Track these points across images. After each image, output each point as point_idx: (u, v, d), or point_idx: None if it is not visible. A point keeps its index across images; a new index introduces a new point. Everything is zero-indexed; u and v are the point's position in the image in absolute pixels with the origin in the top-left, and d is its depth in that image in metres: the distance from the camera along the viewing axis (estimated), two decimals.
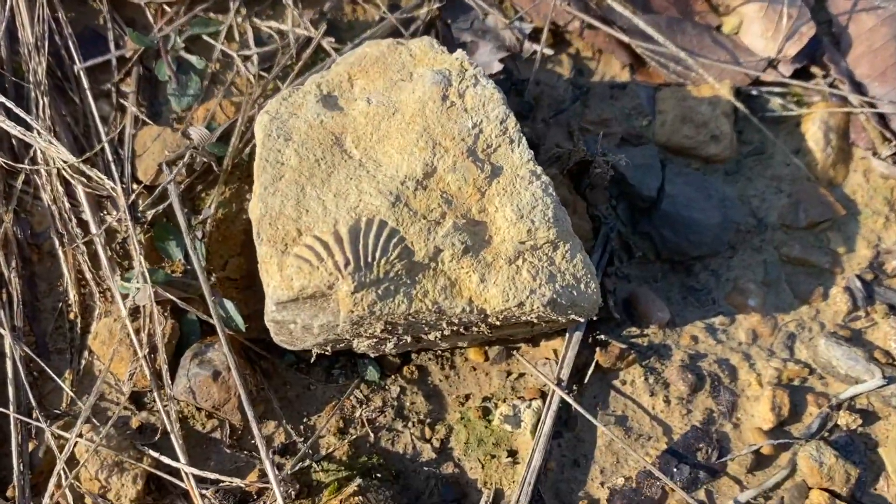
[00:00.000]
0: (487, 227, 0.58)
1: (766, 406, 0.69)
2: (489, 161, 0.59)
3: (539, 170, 0.60)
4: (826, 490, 0.66)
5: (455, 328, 0.60)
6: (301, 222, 0.57)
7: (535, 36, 0.80)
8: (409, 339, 0.62)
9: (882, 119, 0.79)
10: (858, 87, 0.81)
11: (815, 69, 0.82)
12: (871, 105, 0.79)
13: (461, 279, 0.56)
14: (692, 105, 0.77)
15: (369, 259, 0.55)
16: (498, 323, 0.60)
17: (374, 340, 0.62)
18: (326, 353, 0.65)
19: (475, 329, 0.60)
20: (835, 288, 0.74)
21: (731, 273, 0.75)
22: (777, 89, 0.81)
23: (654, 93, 0.80)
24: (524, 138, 0.61)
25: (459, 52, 0.63)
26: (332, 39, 0.78)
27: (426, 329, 0.60)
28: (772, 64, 0.81)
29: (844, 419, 0.69)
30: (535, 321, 0.60)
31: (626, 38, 0.79)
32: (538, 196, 0.58)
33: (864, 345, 0.72)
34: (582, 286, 0.58)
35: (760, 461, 0.68)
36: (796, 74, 0.81)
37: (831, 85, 0.81)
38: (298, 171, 0.60)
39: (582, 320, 0.61)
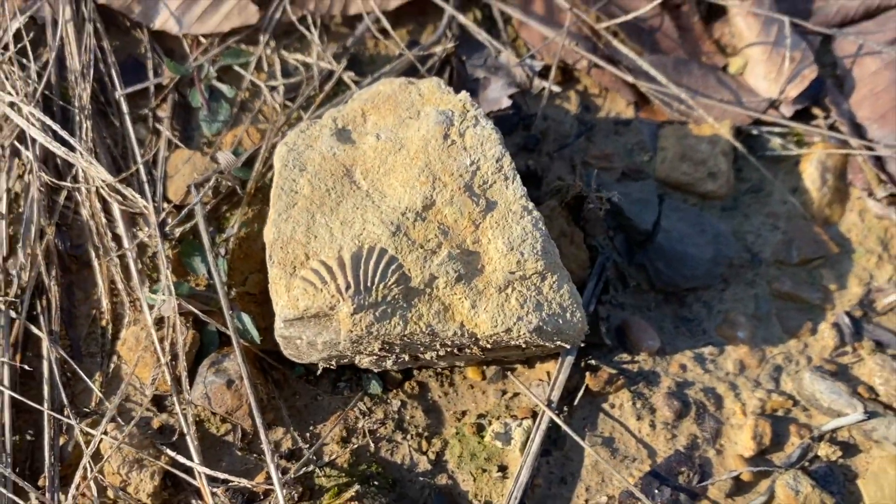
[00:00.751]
0: (480, 257, 0.62)
1: (748, 434, 0.72)
2: (484, 196, 0.63)
3: (531, 206, 0.64)
4: None
5: (449, 349, 0.64)
6: (309, 247, 0.62)
7: (544, 73, 0.85)
8: (406, 358, 0.67)
9: (879, 161, 0.81)
10: (858, 130, 0.83)
11: (816, 110, 0.85)
12: (869, 147, 0.81)
13: (454, 304, 0.61)
14: (692, 143, 0.81)
15: (369, 283, 0.60)
16: (489, 346, 0.64)
17: (375, 357, 0.67)
18: (332, 367, 0.70)
19: (468, 350, 0.65)
20: (823, 323, 0.77)
21: (723, 305, 0.78)
22: (777, 129, 0.84)
23: (656, 130, 0.84)
24: (518, 175, 0.65)
25: (463, 94, 0.68)
26: (353, 73, 0.83)
27: (422, 349, 0.65)
28: (773, 105, 0.84)
29: (825, 450, 0.72)
30: (524, 346, 0.64)
31: (630, 78, 0.83)
32: (528, 230, 0.62)
33: (849, 380, 0.75)
34: (568, 315, 0.62)
35: (740, 487, 0.71)
36: (797, 115, 0.84)
37: (831, 126, 0.83)
38: (310, 199, 0.65)
39: (568, 346, 0.65)
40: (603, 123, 0.84)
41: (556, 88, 0.84)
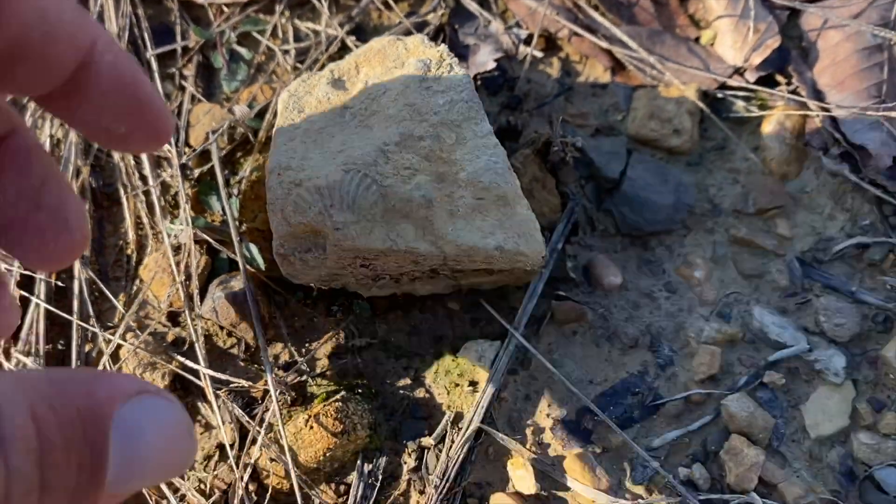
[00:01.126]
0: (450, 183, 0.71)
1: (698, 361, 0.79)
2: (455, 131, 0.72)
3: (495, 142, 0.72)
4: (743, 434, 0.76)
5: (424, 270, 0.73)
6: (301, 174, 0.71)
7: (528, 41, 0.93)
8: (388, 279, 0.76)
9: (834, 122, 0.88)
10: (818, 95, 0.90)
11: (780, 78, 0.92)
12: (826, 109, 0.88)
13: (427, 225, 0.69)
14: (660, 104, 0.89)
15: (350, 202, 0.69)
16: (459, 268, 0.72)
17: (361, 277, 0.75)
18: (324, 288, 0.79)
19: (442, 272, 0.73)
20: (775, 267, 0.84)
21: (683, 249, 0.85)
22: (742, 94, 0.91)
23: (630, 93, 0.91)
24: (485, 115, 0.73)
25: (442, 46, 0.77)
26: (356, 39, 0.93)
27: (400, 268, 0.73)
28: (739, 71, 0.92)
29: (770, 378, 0.78)
30: (490, 268, 0.72)
31: (607, 45, 0.91)
32: (492, 161, 0.70)
33: (796, 317, 0.81)
34: (527, 237, 0.70)
35: (689, 408, 0.78)
36: (762, 81, 0.91)
37: (793, 92, 0.90)
38: (305, 135, 0.75)
39: (529, 268, 0.72)
40: (581, 86, 0.92)
41: (539, 54, 0.93)
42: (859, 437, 0.76)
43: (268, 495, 0.74)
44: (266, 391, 0.77)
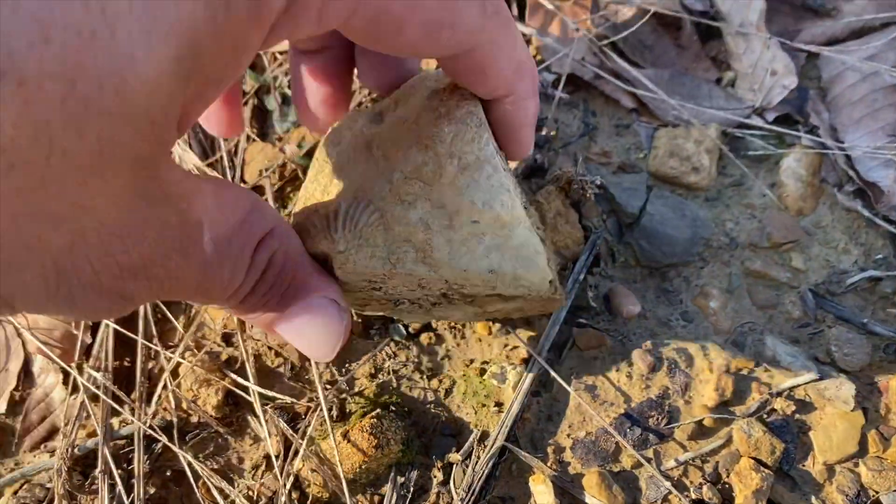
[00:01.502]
0: (449, 209, 0.73)
1: (712, 387, 0.84)
2: (461, 158, 0.75)
3: (502, 166, 0.73)
4: (753, 458, 0.80)
5: (434, 294, 0.78)
6: (320, 202, 0.77)
7: (557, 83, 1.00)
8: (408, 303, 0.81)
9: (849, 160, 0.92)
10: (834, 133, 0.94)
11: (798, 117, 0.97)
12: (842, 148, 0.92)
13: (426, 249, 0.72)
14: (680, 143, 0.94)
15: (354, 228, 0.73)
16: (467, 292, 0.77)
17: (382, 300, 0.81)
18: (360, 312, 0.86)
19: (454, 298, 0.79)
20: (789, 298, 0.88)
21: (700, 280, 0.90)
22: (760, 133, 0.96)
23: (652, 132, 0.97)
24: (491, 142, 0.74)
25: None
26: None
27: (408, 293, 0.78)
28: (757, 111, 0.96)
29: (781, 405, 0.83)
30: (496, 293, 0.76)
31: (630, 88, 0.97)
32: (495, 187, 0.71)
33: (808, 346, 0.85)
34: (527, 262, 0.70)
35: (702, 431, 0.83)
36: (780, 121, 0.96)
37: (810, 130, 0.95)
38: (335, 166, 0.82)
39: (540, 295, 0.76)
40: (605, 126, 0.98)
41: (566, 96, 0.99)
42: (868, 464, 0.79)
43: (308, 503, 0.81)
44: (308, 407, 0.84)
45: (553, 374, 0.84)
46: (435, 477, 0.82)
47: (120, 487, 0.82)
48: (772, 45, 0.97)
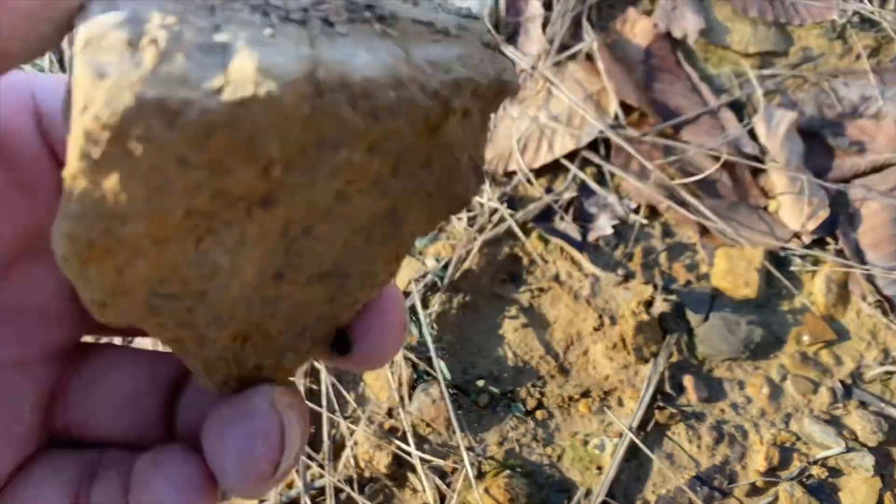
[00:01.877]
0: None
1: (763, 457, 1.10)
2: None
3: None
4: None
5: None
6: None
7: (637, 210, 1.28)
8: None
9: (870, 277, 1.18)
10: (860, 254, 1.21)
11: (829, 239, 1.23)
12: (864, 266, 1.18)
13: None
14: (735, 260, 1.21)
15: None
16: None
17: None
18: (485, 391, 1.15)
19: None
20: (822, 388, 1.14)
21: (752, 372, 1.17)
22: (799, 253, 1.22)
23: (713, 251, 1.24)
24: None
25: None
26: (506, 206, 1.30)
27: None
28: (797, 235, 1.23)
29: (817, 471, 1.08)
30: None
31: (694, 217, 1.24)
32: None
33: (837, 425, 1.11)
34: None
35: (756, 491, 1.09)
36: (815, 243, 1.22)
37: (839, 251, 1.21)
38: None
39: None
40: (677, 245, 1.26)
41: (645, 221, 1.27)
42: None
43: None
44: (454, 468, 1.13)
45: (640, 445, 1.11)
46: None
47: None
48: (808, 180, 1.23)
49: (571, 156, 1.30)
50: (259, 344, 0.28)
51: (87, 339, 0.34)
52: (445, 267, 1.26)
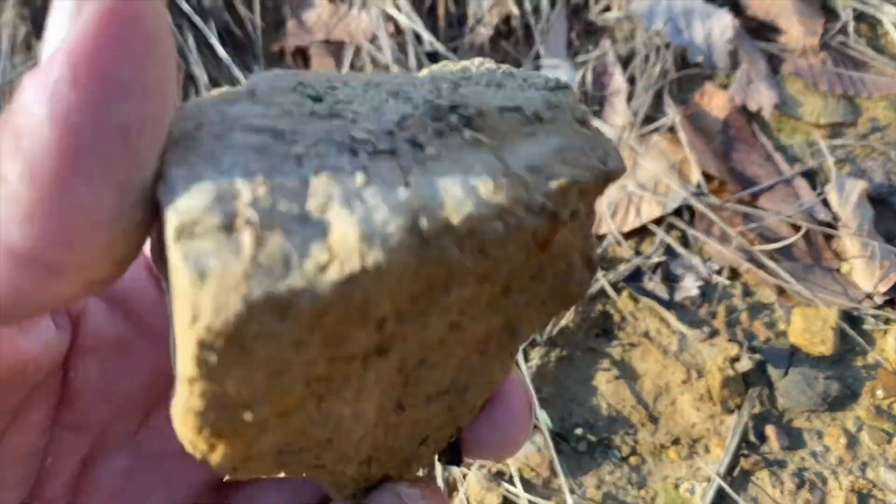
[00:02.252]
0: None
1: (842, 502, 1.21)
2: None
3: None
4: None
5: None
6: None
7: (720, 272, 1.40)
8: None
9: None
10: None
11: None
12: None
13: None
14: (811, 319, 1.32)
15: None
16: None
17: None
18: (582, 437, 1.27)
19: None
20: (895, 437, 1.25)
21: (829, 423, 1.28)
22: (871, 312, 1.33)
23: (790, 310, 1.36)
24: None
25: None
26: (602, 270, 1.43)
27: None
28: (869, 296, 1.34)
29: None
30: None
31: (772, 279, 1.36)
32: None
33: None
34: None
35: None
36: (886, 303, 1.33)
37: None
38: None
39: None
40: (756, 305, 1.37)
41: (727, 282, 1.39)
42: None
43: None
44: None
45: (728, 489, 1.23)
46: None
47: None
48: (879, 245, 1.34)
49: (658, 221, 1.43)
50: (384, 459, 0.29)
51: None
52: None
